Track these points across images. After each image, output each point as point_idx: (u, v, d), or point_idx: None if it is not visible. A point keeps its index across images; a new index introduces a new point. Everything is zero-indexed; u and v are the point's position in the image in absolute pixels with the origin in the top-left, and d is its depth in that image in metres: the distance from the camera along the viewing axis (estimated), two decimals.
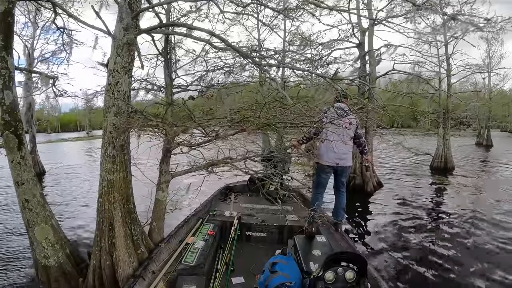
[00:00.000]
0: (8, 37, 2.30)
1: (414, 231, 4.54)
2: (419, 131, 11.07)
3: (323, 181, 3.42)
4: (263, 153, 3.17)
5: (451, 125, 11.22)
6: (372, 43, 7.33)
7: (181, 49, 3.77)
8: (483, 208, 5.73)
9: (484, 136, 21.14)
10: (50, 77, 4.99)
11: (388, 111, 3.75)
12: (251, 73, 4.79)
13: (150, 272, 2.42)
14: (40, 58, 9.32)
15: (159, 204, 2.97)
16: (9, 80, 2.33)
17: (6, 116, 2.32)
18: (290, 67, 2.81)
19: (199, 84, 3.69)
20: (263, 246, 3.28)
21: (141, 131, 2.40)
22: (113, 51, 2.48)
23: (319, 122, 2.61)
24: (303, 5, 3.75)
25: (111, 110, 2.48)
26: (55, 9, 3.35)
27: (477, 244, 4.04)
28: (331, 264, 1.89)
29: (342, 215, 3.50)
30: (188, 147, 2.73)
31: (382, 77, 7.99)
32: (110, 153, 2.48)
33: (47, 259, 2.50)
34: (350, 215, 5.23)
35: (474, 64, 11.30)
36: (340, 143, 3.01)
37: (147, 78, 3.68)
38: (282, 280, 1.99)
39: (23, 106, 9.47)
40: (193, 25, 2.77)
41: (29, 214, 2.48)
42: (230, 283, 2.55)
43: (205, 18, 3.91)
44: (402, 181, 8.42)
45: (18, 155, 2.38)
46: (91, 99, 4.65)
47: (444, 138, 10.68)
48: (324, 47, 7.97)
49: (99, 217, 2.54)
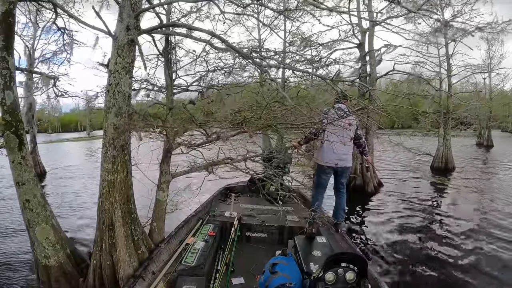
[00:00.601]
0: (9, 37, 2.31)
1: (415, 231, 4.54)
2: (420, 132, 11.05)
3: (323, 181, 3.43)
4: (264, 154, 3.17)
5: (451, 126, 11.21)
6: (373, 44, 7.33)
7: (181, 49, 3.78)
8: (484, 208, 5.72)
9: (485, 136, 21.09)
10: (51, 77, 4.99)
11: (389, 111, 3.75)
12: (251, 74, 4.80)
13: (150, 272, 2.42)
14: (41, 59, 9.35)
15: (159, 204, 2.97)
16: (10, 80, 2.33)
17: (7, 116, 2.33)
18: (291, 68, 2.81)
19: (199, 85, 3.69)
20: (263, 247, 3.28)
21: (142, 132, 2.40)
22: (113, 52, 2.48)
23: (319, 123, 2.62)
24: (303, 6, 3.75)
25: (111, 110, 2.48)
26: (56, 9, 3.35)
27: (478, 245, 4.04)
28: (331, 264, 1.89)
29: (342, 216, 3.51)
30: (188, 148, 2.73)
31: (383, 78, 7.99)
32: (111, 154, 2.49)
33: (48, 259, 2.50)
34: (350, 215, 5.22)
35: (474, 64, 11.27)
36: (340, 144, 3.01)
37: (147, 79, 3.68)
38: (282, 280, 1.99)
39: (24, 106, 9.49)
40: (194, 25, 2.78)
41: (30, 214, 2.48)
42: (230, 283, 2.55)
43: (205, 19, 3.91)
44: (403, 182, 8.41)
45: (18, 155, 2.38)
46: (91, 100, 4.65)
47: (444, 138, 10.67)
48: (324, 47, 7.96)
49: (100, 217, 2.54)
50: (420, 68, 9.24)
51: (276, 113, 2.53)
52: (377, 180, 7.61)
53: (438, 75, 10.47)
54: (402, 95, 7.90)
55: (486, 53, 17.75)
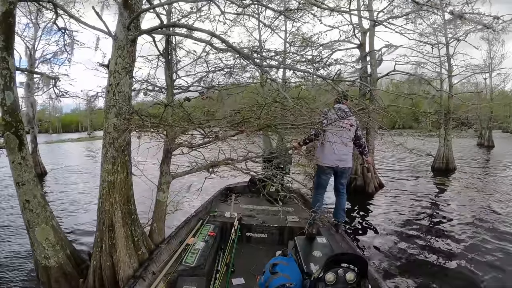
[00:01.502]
0: (9, 37, 2.31)
1: (415, 232, 4.52)
2: (421, 132, 11.04)
3: (323, 182, 3.42)
4: (264, 154, 3.16)
5: (452, 126, 11.19)
6: (373, 44, 7.33)
7: (182, 50, 3.78)
8: (485, 209, 5.70)
9: (486, 137, 21.07)
10: (51, 77, 5.01)
11: (390, 112, 3.74)
12: (251, 74, 4.80)
13: (150, 273, 2.42)
14: (41, 59, 9.38)
15: (159, 205, 2.97)
16: (10, 81, 2.33)
17: (7, 117, 2.33)
18: (291, 68, 2.81)
19: (199, 85, 3.69)
20: (263, 247, 3.27)
21: (142, 132, 2.40)
22: (114, 52, 2.48)
23: (319, 124, 2.61)
24: (304, 6, 3.75)
25: (111, 111, 2.48)
26: (56, 10, 3.35)
27: (479, 246, 4.02)
28: (331, 265, 1.89)
29: (343, 216, 3.50)
30: (189, 148, 2.73)
31: (384, 78, 7.99)
32: (111, 154, 2.49)
33: (48, 259, 2.50)
34: (351, 216, 5.21)
35: (475, 64, 11.27)
36: (341, 145, 3.00)
37: (148, 79, 3.68)
38: (282, 281, 1.98)
39: (24, 106, 9.51)
40: (194, 26, 2.78)
41: (30, 214, 2.48)
42: (230, 284, 2.54)
43: (206, 19, 3.92)
44: (404, 182, 8.39)
45: (18, 155, 2.38)
46: (92, 100, 4.66)
47: (445, 139, 10.65)
48: (325, 47, 7.96)
49: (100, 218, 2.54)
50: (421, 69, 9.24)
51: (276, 113, 2.53)
52: (377, 180, 7.60)
53: (439, 75, 10.46)
54: (403, 95, 7.90)
55: (487, 53, 17.78)
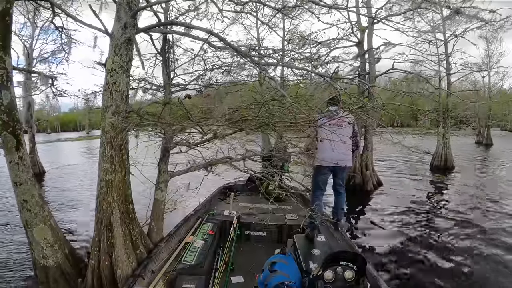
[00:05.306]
0: (6, 37, 2.29)
1: (414, 230, 4.54)
2: (419, 130, 11.07)
3: (322, 180, 3.41)
4: (263, 153, 3.16)
5: (451, 124, 11.21)
6: (372, 42, 7.33)
7: (179, 48, 3.75)
8: (484, 207, 5.72)
9: (484, 134, 21.12)
10: (49, 76, 4.98)
11: (388, 110, 3.74)
12: (250, 72, 4.78)
13: (149, 271, 2.41)
14: (39, 58, 9.33)
15: (158, 204, 2.96)
16: (7, 80, 2.31)
17: (4, 116, 2.31)
18: (289, 66, 2.80)
19: (197, 83, 3.67)
20: (262, 246, 3.28)
21: (139, 131, 2.39)
22: (111, 51, 2.47)
23: (317, 122, 2.61)
24: (302, 4, 3.73)
25: (109, 109, 2.46)
26: (54, 9, 3.33)
27: (477, 243, 4.04)
28: (330, 263, 1.89)
29: (342, 215, 3.49)
30: (187, 147, 2.72)
31: (382, 76, 7.98)
32: (109, 153, 2.47)
33: (46, 259, 2.49)
34: (349, 214, 5.22)
35: (473, 62, 11.27)
36: (339, 143, 2.99)
37: (145, 78, 3.66)
38: (281, 279, 1.98)
39: (22, 106, 9.47)
40: (192, 24, 2.76)
41: (28, 214, 2.47)
42: (229, 282, 2.55)
43: (203, 17, 3.89)
44: (402, 180, 8.42)
45: (16, 155, 2.37)
46: (90, 99, 4.64)
47: (444, 137, 10.68)
48: (323, 45, 7.95)
49: (98, 217, 2.53)
50: (419, 67, 9.24)
51: (274, 111, 2.52)
52: (376, 178, 7.62)
53: (438, 73, 10.46)
54: (402, 93, 7.89)
55: (485, 51, 17.78)
